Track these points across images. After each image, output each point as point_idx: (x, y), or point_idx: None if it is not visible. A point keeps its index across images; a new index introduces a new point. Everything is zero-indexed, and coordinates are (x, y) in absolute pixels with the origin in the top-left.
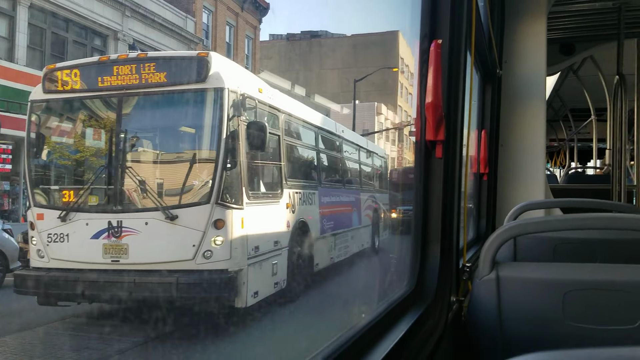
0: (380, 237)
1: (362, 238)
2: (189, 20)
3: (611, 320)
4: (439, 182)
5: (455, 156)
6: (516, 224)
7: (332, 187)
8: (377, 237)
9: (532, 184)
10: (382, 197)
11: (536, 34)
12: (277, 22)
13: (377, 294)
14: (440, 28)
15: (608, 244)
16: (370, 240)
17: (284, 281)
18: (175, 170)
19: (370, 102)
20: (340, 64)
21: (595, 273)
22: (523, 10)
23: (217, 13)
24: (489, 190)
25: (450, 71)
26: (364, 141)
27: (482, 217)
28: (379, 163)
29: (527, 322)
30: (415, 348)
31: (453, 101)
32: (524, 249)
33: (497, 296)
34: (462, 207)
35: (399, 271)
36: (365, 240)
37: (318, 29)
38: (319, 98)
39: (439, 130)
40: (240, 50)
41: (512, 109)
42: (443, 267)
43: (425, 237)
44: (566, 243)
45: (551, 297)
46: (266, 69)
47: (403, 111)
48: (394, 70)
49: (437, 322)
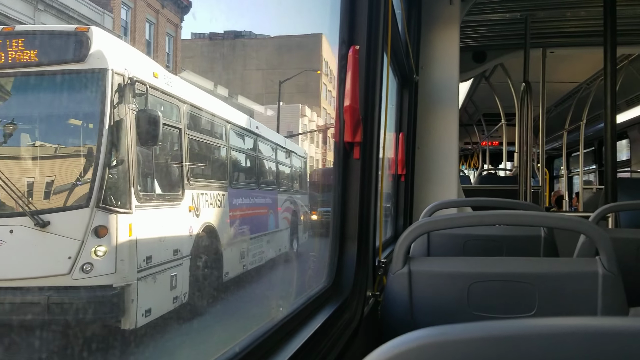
0: (299, 241)
1: (279, 242)
2: (106, 16)
3: (511, 309)
4: (357, 182)
5: (372, 157)
6: (428, 221)
7: (245, 188)
8: (296, 241)
9: (446, 184)
10: (302, 198)
11: (450, 42)
12: (198, 20)
13: (293, 297)
14: (358, 34)
15: (512, 240)
16: (288, 244)
17: (186, 295)
18: (46, 167)
19: (294, 104)
20: (264, 65)
21: (498, 266)
22: (438, 18)
23: (137, 9)
24: (406, 190)
25: (367, 76)
26: (282, 139)
27: (400, 216)
28: (298, 163)
29: (436, 312)
30: (332, 339)
31: (370, 104)
32: (436, 245)
33: (409, 289)
34: (378, 206)
35: (316, 274)
36: (283, 245)
37: (241, 29)
38: (242, 99)
39: (357, 133)
40: (161, 49)
41: (428, 113)
42: (360, 263)
43: (343, 235)
44: (475, 240)
45: (458, 288)
46: (188, 69)
47: (327, 113)
48: (317, 73)
49: (353, 315)
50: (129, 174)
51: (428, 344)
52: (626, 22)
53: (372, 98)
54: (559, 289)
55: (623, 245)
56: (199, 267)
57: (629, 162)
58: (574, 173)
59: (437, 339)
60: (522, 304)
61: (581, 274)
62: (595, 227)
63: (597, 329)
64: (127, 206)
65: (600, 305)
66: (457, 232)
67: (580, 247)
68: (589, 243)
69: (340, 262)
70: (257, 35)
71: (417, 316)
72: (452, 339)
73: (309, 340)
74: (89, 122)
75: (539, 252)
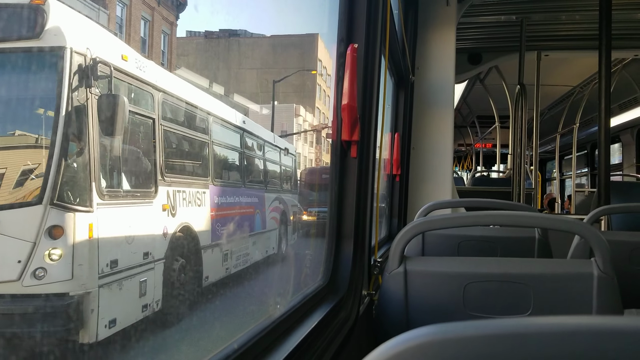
0: (288, 242)
1: (266, 243)
2: (101, 13)
3: (506, 309)
4: (354, 181)
5: (369, 156)
6: (423, 221)
7: (228, 185)
8: (285, 242)
9: (440, 185)
10: (292, 197)
11: (446, 43)
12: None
13: (282, 304)
14: (356, 32)
15: (507, 241)
16: (276, 246)
17: (158, 302)
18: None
19: (289, 104)
20: (260, 64)
21: (493, 266)
22: (434, 20)
23: (132, 7)
24: (400, 190)
25: (365, 74)
26: (271, 136)
27: (395, 216)
28: (289, 161)
29: (431, 312)
30: (327, 337)
31: (368, 103)
32: (431, 246)
33: (404, 288)
34: (374, 205)
35: (307, 278)
36: (270, 246)
37: (237, 28)
38: (237, 97)
39: (354, 131)
40: (156, 46)
41: (424, 114)
42: (356, 262)
43: (339, 233)
44: (469, 240)
45: (453, 288)
46: (183, 66)
47: (321, 113)
48: (312, 73)
49: (349, 314)
50: (90, 168)
51: (430, 342)
52: (621, 26)
53: (370, 97)
54: (555, 290)
55: (616, 248)
56: (174, 271)
57: (621, 166)
58: (567, 176)
59: (439, 337)
60: (518, 304)
61: (576, 275)
62: (592, 228)
63: (601, 327)
64: (87, 204)
65: (595, 307)
66: (451, 233)
67: (574, 249)
68: (583, 245)
69: (336, 260)
70: (253, 34)
71: (412, 316)
72: (454, 337)
73: (305, 339)
74: (43, 107)
75: (533, 253)
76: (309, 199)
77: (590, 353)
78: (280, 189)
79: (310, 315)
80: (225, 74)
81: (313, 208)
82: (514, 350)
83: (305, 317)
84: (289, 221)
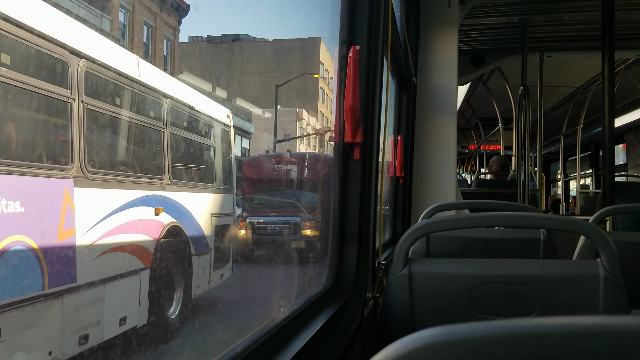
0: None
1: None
2: (104, 19)
3: (512, 311)
4: (357, 183)
5: (372, 158)
6: (428, 222)
7: None
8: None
9: (444, 187)
10: (219, 200)
11: (449, 45)
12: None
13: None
14: (358, 34)
15: (511, 243)
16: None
17: None
18: None
19: (292, 108)
20: (262, 68)
21: (498, 268)
22: (436, 22)
23: (135, 12)
24: (404, 193)
25: (367, 76)
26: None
27: (398, 218)
28: (217, 137)
29: (436, 314)
30: (332, 341)
31: (370, 105)
32: (435, 247)
33: (409, 290)
34: (378, 207)
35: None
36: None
37: (239, 32)
38: (240, 101)
39: (357, 133)
40: (159, 52)
41: (427, 116)
42: (360, 264)
43: (343, 236)
44: (474, 242)
45: (458, 290)
46: (186, 71)
47: (324, 117)
48: (315, 77)
49: (353, 317)
50: None
51: (437, 343)
52: (624, 26)
53: (373, 99)
54: (560, 291)
55: (622, 248)
56: None
57: (626, 167)
58: (571, 177)
59: (446, 338)
60: (523, 306)
61: (582, 276)
62: (597, 229)
63: (608, 327)
64: None
65: (601, 308)
66: (456, 235)
67: (579, 250)
68: (588, 245)
69: (339, 263)
70: (255, 38)
71: (417, 318)
72: (461, 338)
73: (309, 343)
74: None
75: (538, 254)
76: (259, 200)
77: (598, 353)
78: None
79: (315, 318)
80: (228, 78)
81: (263, 217)
82: (521, 351)
83: (310, 320)
84: (205, 246)
